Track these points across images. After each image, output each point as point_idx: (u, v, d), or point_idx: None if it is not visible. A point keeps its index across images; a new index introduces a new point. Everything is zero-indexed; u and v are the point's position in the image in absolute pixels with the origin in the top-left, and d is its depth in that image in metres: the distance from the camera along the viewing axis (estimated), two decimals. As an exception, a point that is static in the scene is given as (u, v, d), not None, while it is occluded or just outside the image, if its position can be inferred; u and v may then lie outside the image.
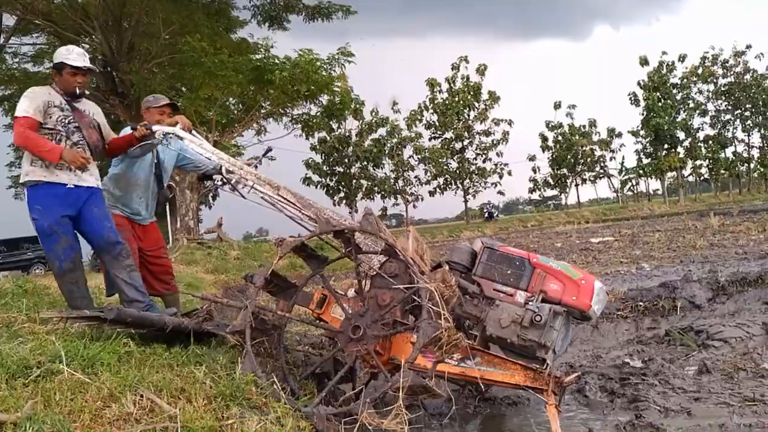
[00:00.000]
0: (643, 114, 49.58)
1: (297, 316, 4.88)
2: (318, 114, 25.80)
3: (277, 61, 20.70)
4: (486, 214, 45.09)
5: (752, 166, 53.96)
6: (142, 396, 3.00)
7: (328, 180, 41.19)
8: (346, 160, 41.28)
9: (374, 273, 3.95)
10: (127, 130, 4.88)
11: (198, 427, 2.80)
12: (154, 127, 4.56)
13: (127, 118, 19.94)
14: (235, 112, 24.13)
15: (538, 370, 3.74)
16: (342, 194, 41.50)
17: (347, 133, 41.02)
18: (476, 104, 43.94)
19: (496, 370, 3.83)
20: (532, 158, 52.46)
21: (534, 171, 53.09)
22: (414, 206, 45.34)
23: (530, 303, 3.90)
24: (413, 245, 4.04)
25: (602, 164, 53.64)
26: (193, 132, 4.79)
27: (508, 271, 4.10)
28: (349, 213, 39.21)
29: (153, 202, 5.23)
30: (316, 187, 40.09)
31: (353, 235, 3.98)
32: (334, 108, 25.21)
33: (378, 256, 4.03)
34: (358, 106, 37.00)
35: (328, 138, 40.19)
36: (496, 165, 45.10)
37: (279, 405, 3.36)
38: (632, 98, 50.25)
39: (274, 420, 3.12)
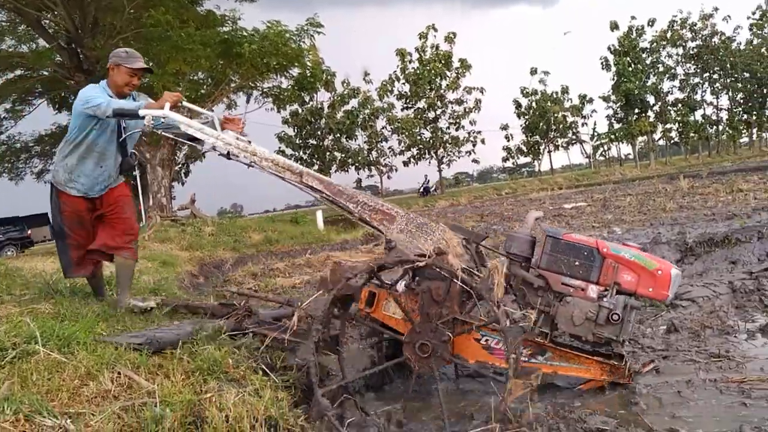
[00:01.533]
0: (613, 79, 49.92)
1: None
2: (289, 87, 25.53)
3: (245, 33, 20.29)
4: (421, 190, 43.83)
5: (721, 128, 54.73)
6: (119, 373, 3.02)
7: (301, 153, 41.10)
8: (319, 133, 41.17)
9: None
10: (95, 92, 4.34)
11: (176, 401, 2.83)
12: (141, 112, 4.07)
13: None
14: (205, 87, 23.74)
15: (616, 366, 3.71)
16: (315, 167, 41.33)
17: (319, 106, 40.80)
18: (447, 73, 43.82)
19: (570, 365, 3.78)
20: (504, 127, 52.67)
21: (507, 139, 53.38)
22: (388, 177, 45.62)
23: (604, 299, 3.69)
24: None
25: (574, 130, 54.10)
26: (184, 103, 4.40)
27: (576, 263, 3.81)
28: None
29: (115, 172, 4.66)
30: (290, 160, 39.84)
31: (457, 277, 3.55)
32: (305, 81, 24.95)
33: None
34: (329, 77, 36.70)
35: (300, 111, 39.96)
36: (469, 134, 45.24)
37: (257, 377, 3.40)
38: (603, 63, 50.52)
39: (252, 392, 3.16)
